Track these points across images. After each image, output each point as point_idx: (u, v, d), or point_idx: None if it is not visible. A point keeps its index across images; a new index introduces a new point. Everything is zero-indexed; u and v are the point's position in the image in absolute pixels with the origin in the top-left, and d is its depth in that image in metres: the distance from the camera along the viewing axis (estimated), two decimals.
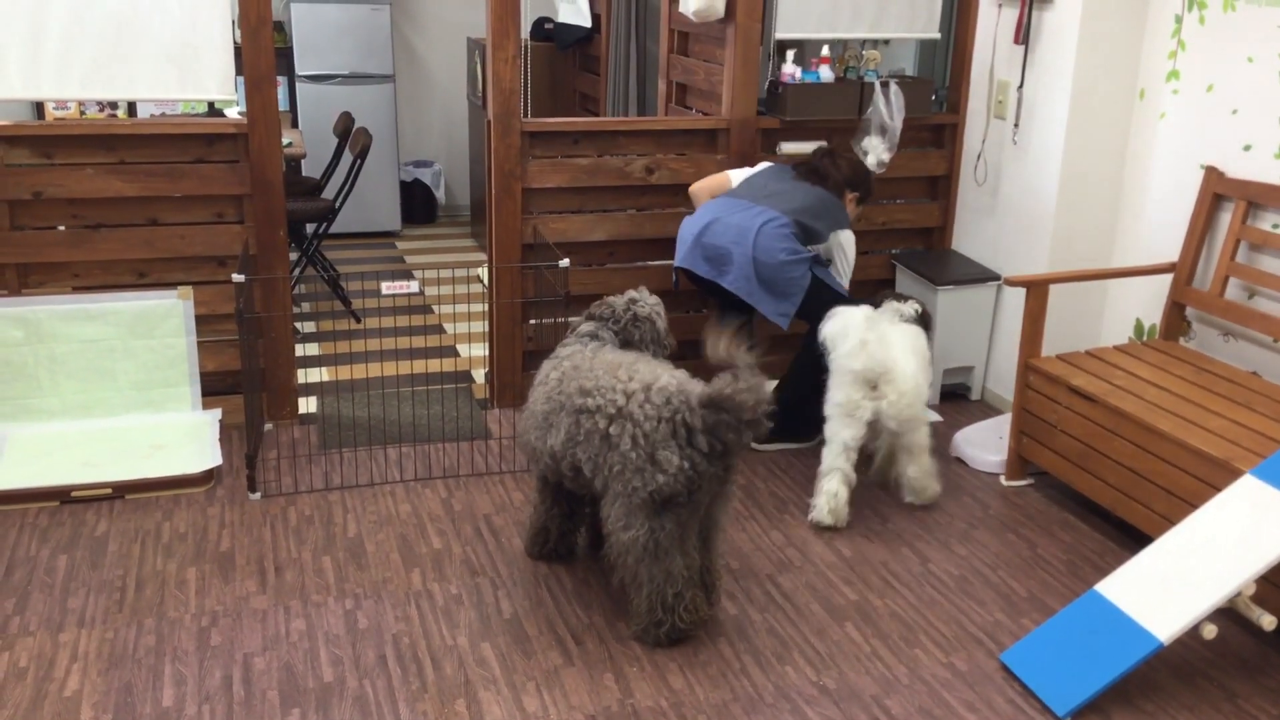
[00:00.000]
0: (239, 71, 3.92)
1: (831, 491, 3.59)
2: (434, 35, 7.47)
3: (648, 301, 3.36)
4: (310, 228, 5.47)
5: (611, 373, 2.96)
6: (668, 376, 2.91)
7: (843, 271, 4.16)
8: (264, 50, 3.94)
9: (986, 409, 4.59)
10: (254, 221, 4.06)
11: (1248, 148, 3.76)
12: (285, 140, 5.33)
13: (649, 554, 2.86)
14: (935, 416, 4.38)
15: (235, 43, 3.90)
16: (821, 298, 3.82)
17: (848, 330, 3.55)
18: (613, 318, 3.30)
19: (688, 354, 3.83)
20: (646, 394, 2.85)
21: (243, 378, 3.79)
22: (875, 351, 3.53)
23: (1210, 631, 2.78)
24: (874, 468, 3.84)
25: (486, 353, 4.52)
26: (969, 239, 4.80)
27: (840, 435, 3.58)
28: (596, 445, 2.90)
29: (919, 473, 3.72)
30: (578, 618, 3.09)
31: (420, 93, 7.56)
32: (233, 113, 5.39)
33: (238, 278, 3.63)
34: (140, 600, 3.12)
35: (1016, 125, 4.42)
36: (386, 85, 6.97)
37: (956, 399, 4.67)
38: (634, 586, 2.95)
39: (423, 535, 3.50)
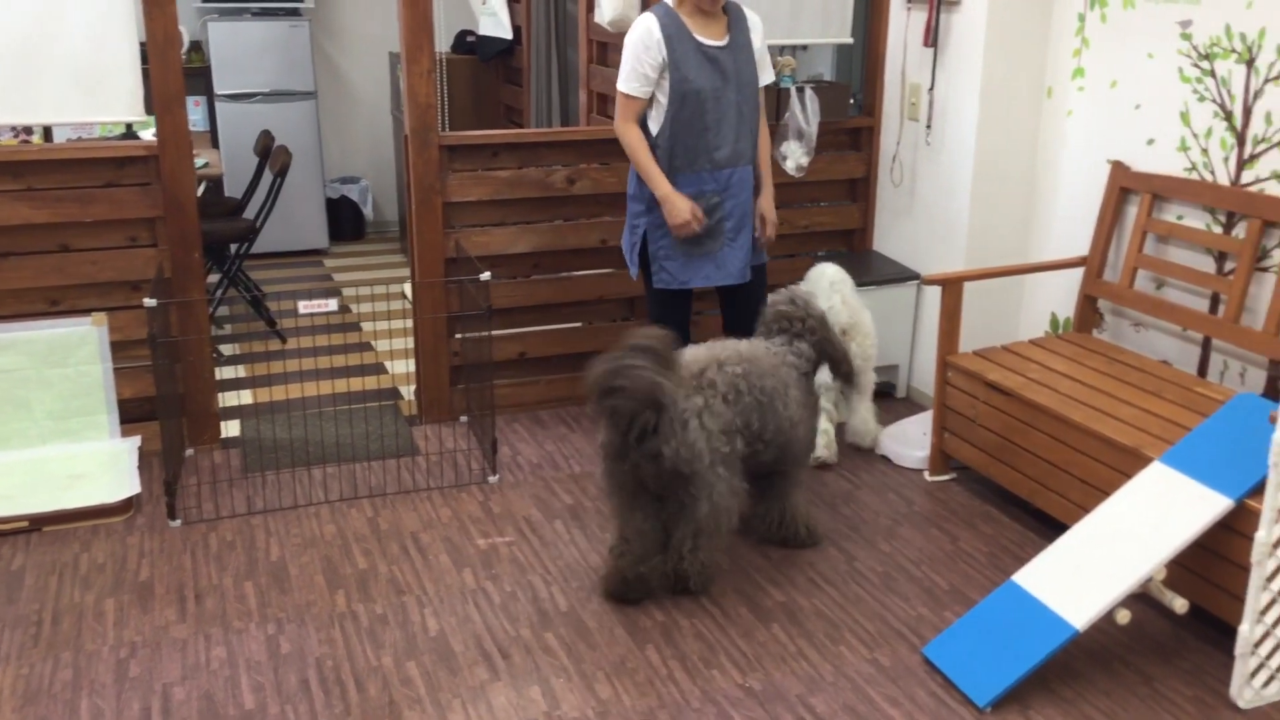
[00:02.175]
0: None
1: (823, 429, 3.98)
2: (355, 50, 7.42)
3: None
4: (233, 248, 5.41)
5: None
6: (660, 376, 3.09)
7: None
8: (172, 70, 3.89)
9: (912, 406, 4.65)
10: (168, 244, 4.00)
11: (1151, 142, 3.85)
12: (202, 161, 5.27)
13: (602, 487, 3.25)
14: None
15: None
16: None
17: (829, 286, 4.06)
18: (800, 333, 3.47)
19: None
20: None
21: (158, 403, 3.73)
22: (850, 303, 4.04)
23: (1124, 617, 2.84)
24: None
25: (413, 369, 4.49)
26: (889, 240, 4.87)
27: (821, 378, 3.77)
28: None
29: (867, 412, 4.19)
30: (505, 631, 3.08)
31: (344, 108, 7.50)
32: (148, 134, 5.31)
33: (149, 302, 3.57)
34: (57, 634, 3.06)
35: (929, 127, 4.49)
36: (308, 102, 6.91)
37: (882, 397, 4.72)
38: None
39: (348, 556, 3.47)
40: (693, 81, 3.62)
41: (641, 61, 3.63)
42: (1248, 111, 3.51)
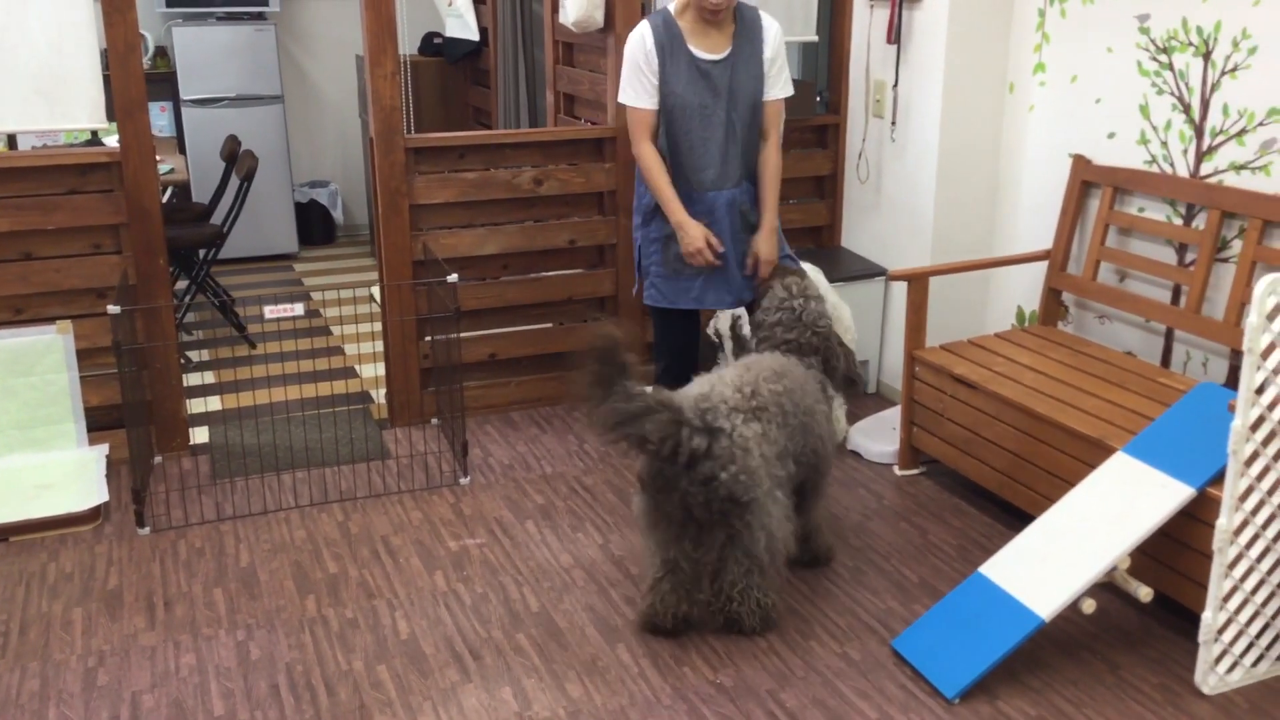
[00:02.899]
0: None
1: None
2: (322, 54, 7.39)
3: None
4: (201, 254, 5.38)
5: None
6: (704, 390, 2.97)
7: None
8: (133, 77, 3.87)
9: (882, 401, 4.68)
10: (132, 250, 3.98)
11: (1112, 135, 3.89)
12: (167, 166, 5.25)
13: (641, 521, 3.01)
14: None
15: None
16: None
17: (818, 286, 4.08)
18: (802, 347, 3.30)
19: None
20: None
21: (125, 411, 3.71)
22: (832, 299, 4.07)
23: (1090, 606, 2.87)
24: None
25: (384, 372, 4.48)
26: (857, 236, 4.89)
27: None
28: None
29: (838, 408, 4.10)
30: (476, 633, 3.08)
31: (311, 112, 7.47)
32: (112, 141, 5.28)
33: (113, 309, 3.55)
34: (24, 644, 3.04)
35: (894, 123, 4.52)
36: (275, 106, 6.88)
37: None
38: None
39: (318, 561, 3.46)
40: (679, 96, 3.47)
41: (638, 72, 3.50)
42: (1205, 104, 3.55)
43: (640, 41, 3.50)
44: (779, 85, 3.59)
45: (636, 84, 3.52)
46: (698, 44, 3.48)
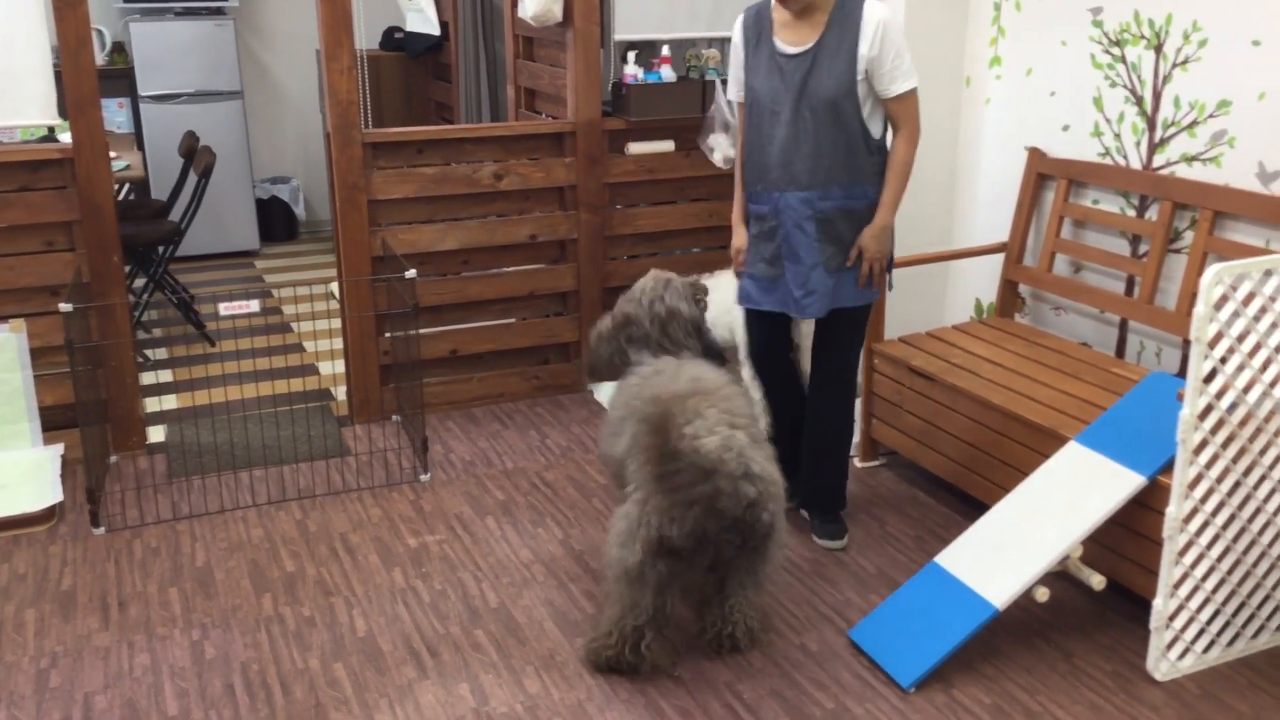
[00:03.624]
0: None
1: None
2: (282, 49, 7.33)
3: (672, 291, 3.17)
4: (160, 251, 5.33)
5: (684, 404, 2.76)
6: (720, 435, 2.68)
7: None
8: (85, 72, 3.83)
9: None
10: (86, 248, 3.93)
11: (1066, 128, 3.92)
12: (123, 163, 5.19)
13: (630, 579, 2.75)
14: None
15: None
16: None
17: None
18: (645, 338, 3.14)
19: None
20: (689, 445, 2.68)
21: (79, 410, 3.67)
22: None
23: (1043, 594, 2.89)
24: None
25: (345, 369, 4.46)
26: None
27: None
28: (638, 465, 2.78)
29: None
30: (434, 629, 3.07)
31: (272, 108, 7.41)
32: (67, 137, 5.22)
33: (65, 307, 3.51)
34: None
35: None
36: (235, 102, 6.82)
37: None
38: (607, 602, 2.87)
39: (275, 559, 3.44)
40: (755, 90, 3.28)
41: (733, 64, 3.39)
42: (1157, 96, 3.58)
43: (736, 33, 3.38)
44: (896, 80, 3.17)
45: (730, 76, 3.44)
46: (783, 36, 3.23)
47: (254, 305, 3.63)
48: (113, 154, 4.54)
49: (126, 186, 5.61)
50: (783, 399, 3.61)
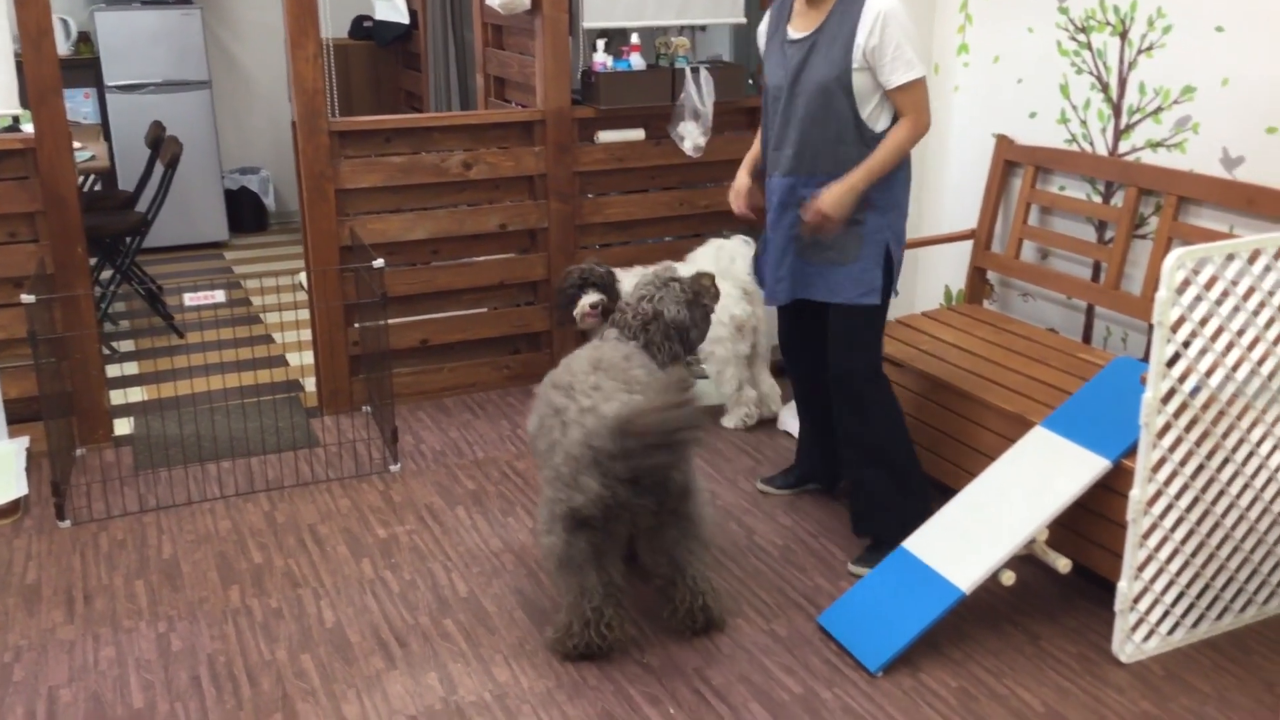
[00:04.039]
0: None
1: (750, 397, 4.30)
2: (250, 38, 7.27)
3: (668, 294, 3.18)
4: (126, 242, 5.28)
5: (585, 379, 2.86)
6: (619, 401, 2.74)
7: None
8: (47, 62, 3.78)
9: None
10: (49, 239, 3.89)
11: (1033, 115, 3.93)
12: (87, 154, 5.14)
13: (564, 564, 2.79)
14: None
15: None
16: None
17: (742, 259, 4.18)
18: (625, 325, 3.17)
19: None
20: (586, 417, 2.74)
21: (43, 402, 3.64)
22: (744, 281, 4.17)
23: (1009, 578, 2.91)
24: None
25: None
26: None
27: (739, 348, 4.21)
28: (546, 445, 2.87)
29: (770, 385, 4.37)
30: (403, 619, 3.06)
31: (241, 98, 7.35)
32: (30, 127, 5.16)
33: (27, 298, 3.48)
34: None
35: None
36: (203, 91, 6.76)
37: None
38: (560, 594, 2.90)
39: (243, 551, 3.42)
40: (766, 77, 3.29)
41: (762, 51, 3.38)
42: (1123, 83, 3.60)
43: (762, 21, 3.39)
44: (897, 71, 3.06)
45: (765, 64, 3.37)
46: (795, 23, 3.21)
47: (219, 296, 3.60)
48: (77, 144, 4.49)
49: (92, 177, 5.56)
50: (804, 392, 3.58)
